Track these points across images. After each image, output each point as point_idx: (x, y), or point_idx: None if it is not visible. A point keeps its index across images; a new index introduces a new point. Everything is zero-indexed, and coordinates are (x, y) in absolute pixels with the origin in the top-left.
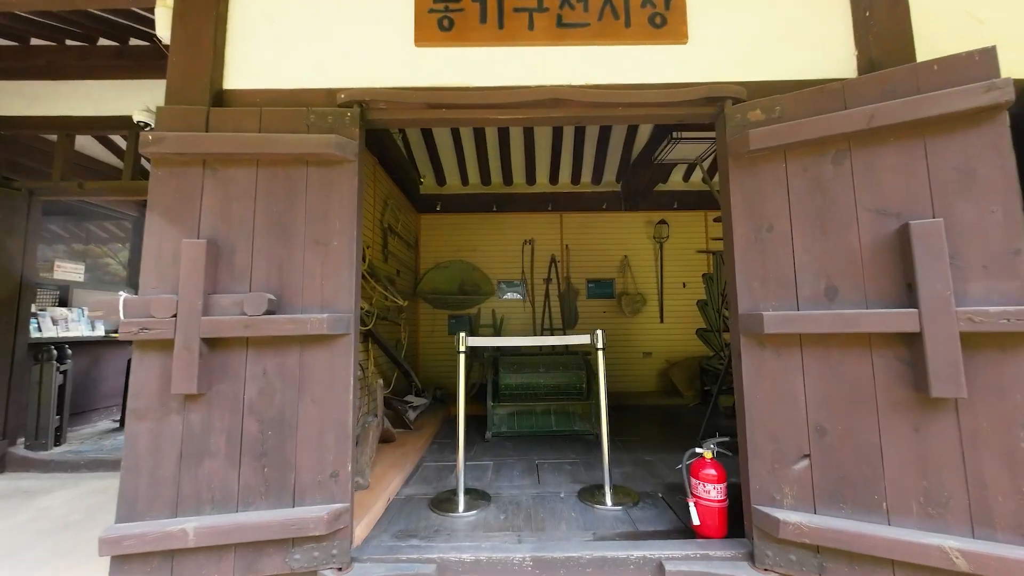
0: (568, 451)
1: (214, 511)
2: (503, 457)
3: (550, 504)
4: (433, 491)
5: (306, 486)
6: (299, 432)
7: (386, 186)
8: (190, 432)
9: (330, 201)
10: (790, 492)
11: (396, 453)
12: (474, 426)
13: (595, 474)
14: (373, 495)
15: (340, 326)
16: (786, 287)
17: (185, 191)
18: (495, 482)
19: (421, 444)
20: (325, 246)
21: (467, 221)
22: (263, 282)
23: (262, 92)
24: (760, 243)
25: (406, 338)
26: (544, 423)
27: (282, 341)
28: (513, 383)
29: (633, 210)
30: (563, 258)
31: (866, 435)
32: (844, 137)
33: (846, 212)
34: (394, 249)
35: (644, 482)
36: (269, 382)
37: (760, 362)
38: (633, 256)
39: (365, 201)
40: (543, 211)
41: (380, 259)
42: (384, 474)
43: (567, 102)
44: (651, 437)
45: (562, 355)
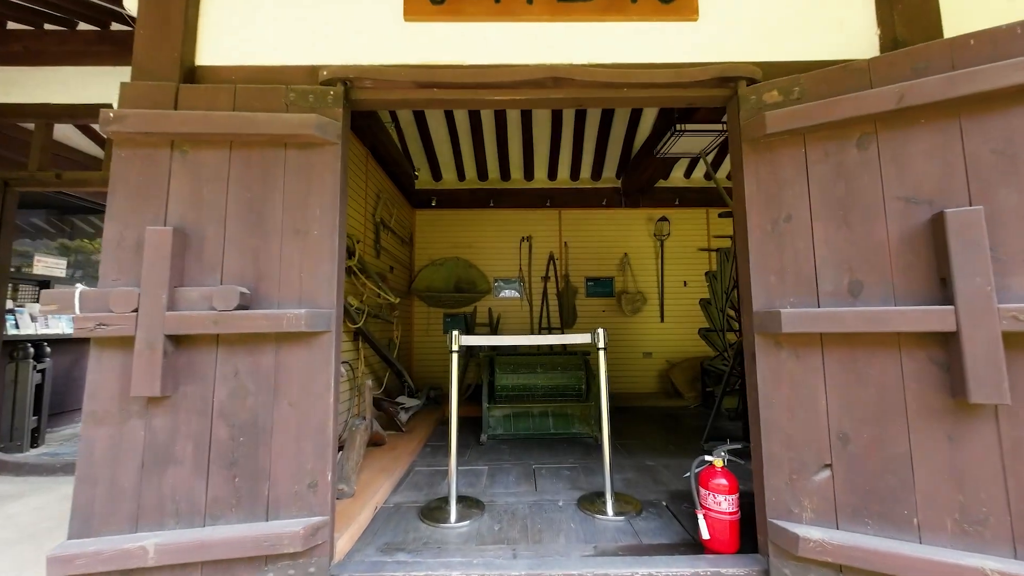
0: (567, 455)
1: (179, 526)
2: (499, 461)
3: (548, 513)
4: (424, 498)
5: (281, 498)
6: (274, 438)
7: (379, 179)
8: (153, 438)
9: (310, 187)
10: (810, 505)
11: (386, 457)
12: (469, 428)
13: (595, 480)
14: (359, 503)
15: (320, 322)
16: (805, 282)
17: (151, 174)
18: (490, 489)
19: (413, 447)
20: (304, 235)
21: (463, 217)
22: (236, 274)
23: (238, 69)
24: (777, 235)
25: (399, 337)
26: (542, 425)
27: (256, 339)
28: (509, 384)
29: (633, 207)
30: (561, 256)
31: (894, 444)
32: (870, 119)
33: (872, 200)
34: (387, 245)
35: (647, 489)
36: (241, 383)
37: (777, 364)
38: (633, 254)
39: (356, 194)
40: (541, 207)
41: (372, 255)
42: (372, 480)
43: (568, 81)
44: (652, 440)
45: (560, 355)
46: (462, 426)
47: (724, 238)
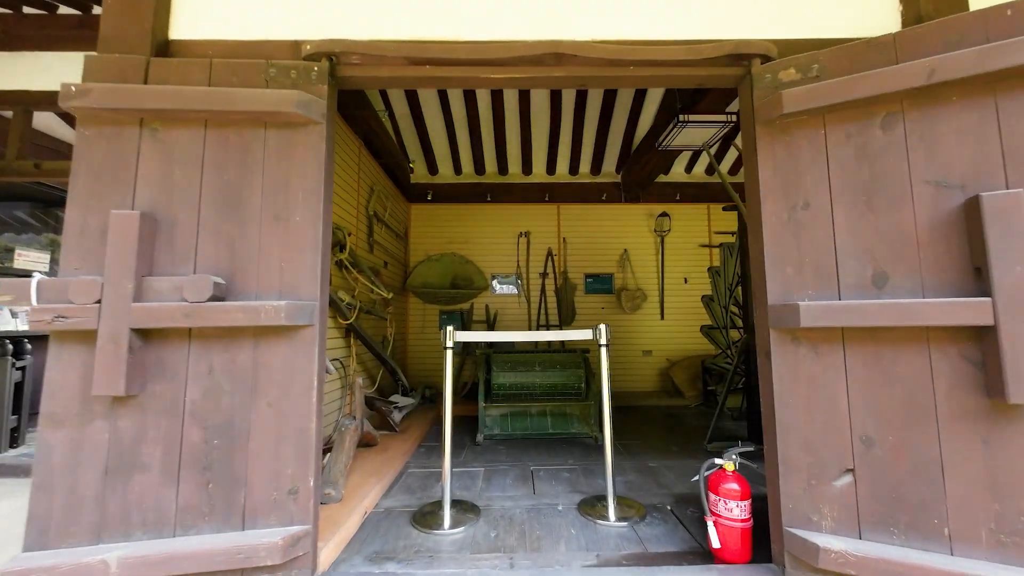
0: (566, 456)
1: (146, 536)
2: (495, 463)
3: (547, 519)
4: (416, 502)
5: (259, 505)
6: (251, 442)
7: (372, 172)
8: (118, 442)
9: (292, 169)
10: (830, 513)
11: (377, 459)
12: (465, 428)
13: (595, 482)
14: (347, 508)
15: (302, 316)
16: (825, 273)
17: (117, 154)
18: (486, 492)
19: (407, 448)
20: (285, 222)
21: (460, 212)
22: (210, 263)
23: (214, 44)
24: (794, 223)
25: (393, 334)
26: (540, 425)
27: (232, 333)
28: (506, 382)
29: (633, 202)
30: (560, 251)
31: (923, 447)
32: (896, 97)
33: (898, 185)
34: (381, 239)
35: (650, 493)
36: (216, 382)
37: (794, 361)
38: (633, 250)
39: (348, 186)
40: (539, 202)
41: (365, 249)
42: (361, 484)
43: (570, 58)
44: (654, 441)
45: (559, 353)
46: (458, 426)
47: (726, 234)
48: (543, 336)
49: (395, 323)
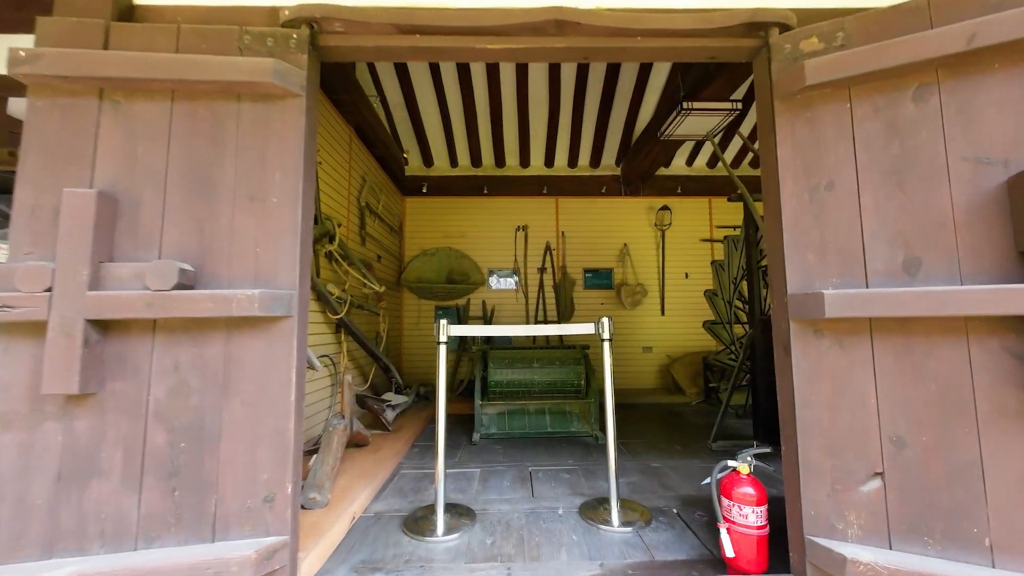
0: (565, 455)
1: (104, 550)
2: (492, 463)
3: (546, 523)
4: (409, 506)
5: (231, 514)
6: (223, 444)
7: (364, 162)
8: (73, 445)
9: (268, 146)
10: (856, 521)
11: (368, 460)
12: (461, 427)
13: (597, 484)
14: (333, 514)
15: (278, 306)
16: (851, 260)
17: (74, 128)
18: (482, 494)
19: (399, 448)
20: (261, 203)
21: (456, 205)
22: (177, 248)
23: (184, 9)
24: (817, 205)
25: (386, 329)
26: (538, 424)
27: (201, 325)
28: (504, 380)
29: (633, 195)
30: (559, 246)
31: (960, 449)
32: (931, 65)
33: (932, 162)
34: (374, 232)
35: (654, 495)
36: (183, 379)
37: (817, 355)
38: (633, 244)
39: (339, 175)
40: (537, 195)
41: (357, 241)
42: (350, 487)
43: (573, 27)
44: (656, 439)
45: (558, 349)
46: (454, 425)
47: (728, 228)
48: (542, 331)
49: (389, 319)
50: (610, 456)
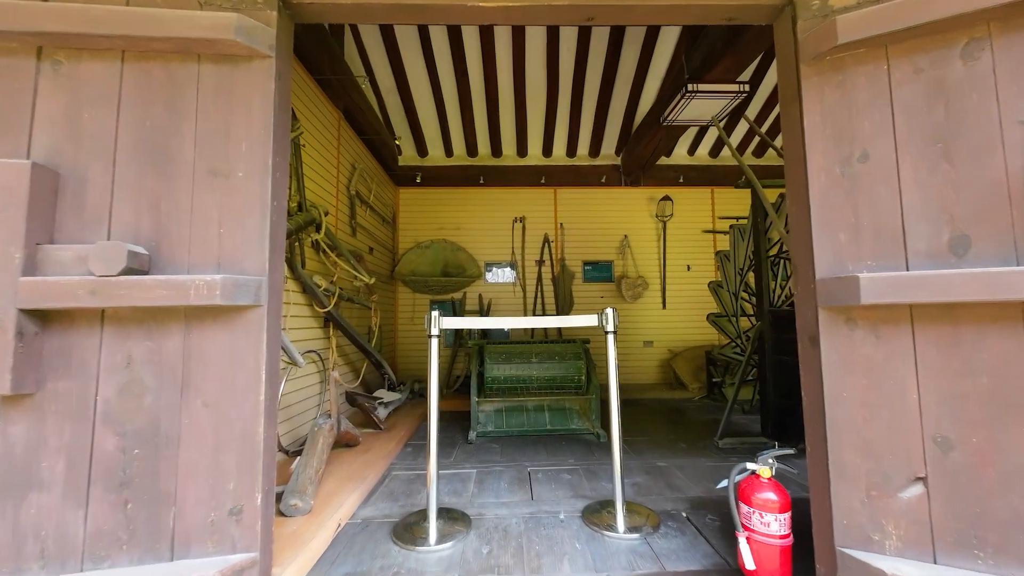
0: (566, 454)
1: (45, 571)
2: (489, 463)
3: (547, 529)
4: (399, 511)
5: (192, 529)
6: (182, 451)
7: (354, 148)
8: (7, 453)
9: (232, 113)
10: (895, 531)
11: (358, 461)
12: (457, 425)
13: (600, 485)
14: (315, 522)
15: (244, 294)
16: (889, 239)
17: (7, 91)
18: (478, 497)
19: (391, 448)
20: (225, 178)
21: (451, 196)
22: (129, 229)
23: None
24: (849, 179)
25: (378, 324)
26: (537, 421)
27: (158, 316)
28: (501, 375)
29: (634, 185)
30: (557, 238)
31: (1016, 451)
32: (982, 17)
33: (984, 128)
34: (365, 223)
35: (661, 497)
36: (136, 377)
37: (849, 347)
38: (634, 236)
39: (327, 161)
40: (535, 186)
41: (347, 232)
42: (336, 491)
43: None
44: (659, 437)
45: (558, 343)
46: (449, 423)
47: (731, 219)
48: (540, 322)
49: (381, 313)
50: (615, 456)
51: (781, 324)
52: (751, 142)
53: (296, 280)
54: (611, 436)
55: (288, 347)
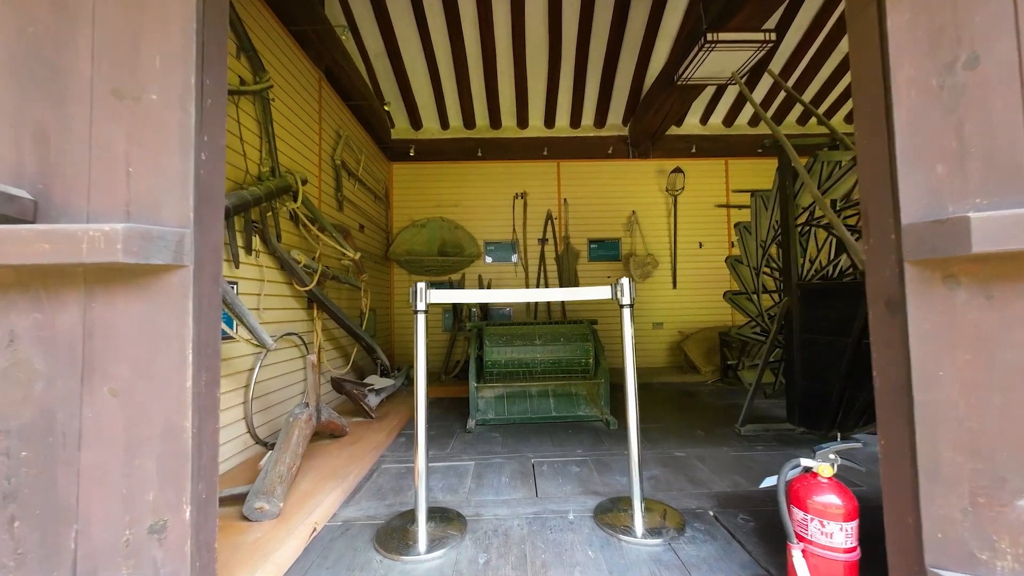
0: (573, 444)
1: None
2: (489, 455)
3: (554, 533)
4: (386, 511)
5: (100, 551)
6: (85, 452)
7: (338, 114)
8: None
9: (142, 17)
10: (1011, 549)
11: (343, 454)
12: (457, 412)
13: (612, 479)
14: (285, 528)
15: (160, 250)
16: (1007, 169)
17: None
18: (476, 494)
19: (382, 438)
20: (134, 102)
21: (447, 171)
22: (9, 167)
23: None
24: (950, 92)
25: (368, 305)
26: (541, 408)
27: (48, 280)
28: (502, 359)
29: (643, 157)
30: (561, 214)
31: None
32: None
33: None
34: (354, 197)
35: (683, 492)
36: (22, 358)
37: (948, 311)
38: (643, 211)
39: (304, 124)
40: (537, 159)
41: (333, 205)
42: (314, 489)
43: None
44: (674, 424)
45: (563, 324)
46: (447, 410)
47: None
48: (545, 295)
49: (375, 296)
50: (632, 448)
51: (811, 300)
52: (771, 106)
53: (272, 255)
54: (628, 424)
55: (251, 323)
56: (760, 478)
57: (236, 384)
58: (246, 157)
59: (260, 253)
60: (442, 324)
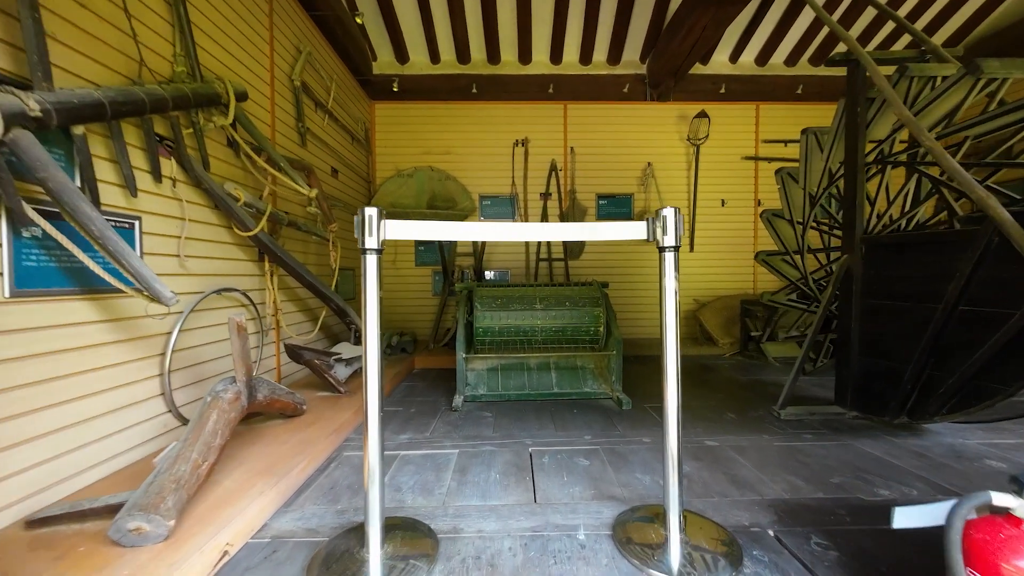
0: (580, 427)
1: None
2: (477, 440)
3: (560, 563)
4: (335, 520)
5: None
6: None
7: (299, 24)
8: None
9: None
10: None
11: (292, 440)
12: (444, 385)
13: (631, 476)
14: (177, 554)
15: None
16: None
17: None
18: (456, 496)
19: (349, 417)
20: None
21: (438, 113)
22: None
23: None
24: None
25: (338, 259)
26: (541, 383)
27: None
28: (495, 326)
29: (662, 100)
30: (566, 165)
31: None
32: None
33: None
34: (323, 134)
35: (726, 498)
36: None
37: None
38: (660, 163)
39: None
40: (541, 100)
41: (295, 140)
42: (236, 492)
43: None
44: (697, 404)
45: (568, 286)
46: (434, 382)
47: (778, 143)
48: (547, 233)
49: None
50: (671, 448)
51: (883, 257)
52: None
53: (199, 188)
54: (665, 414)
55: (137, 269)
56: (819, 476)
57: (148, 351)
58: (139, 43)
59: (179, 183)
60: (431, 287)
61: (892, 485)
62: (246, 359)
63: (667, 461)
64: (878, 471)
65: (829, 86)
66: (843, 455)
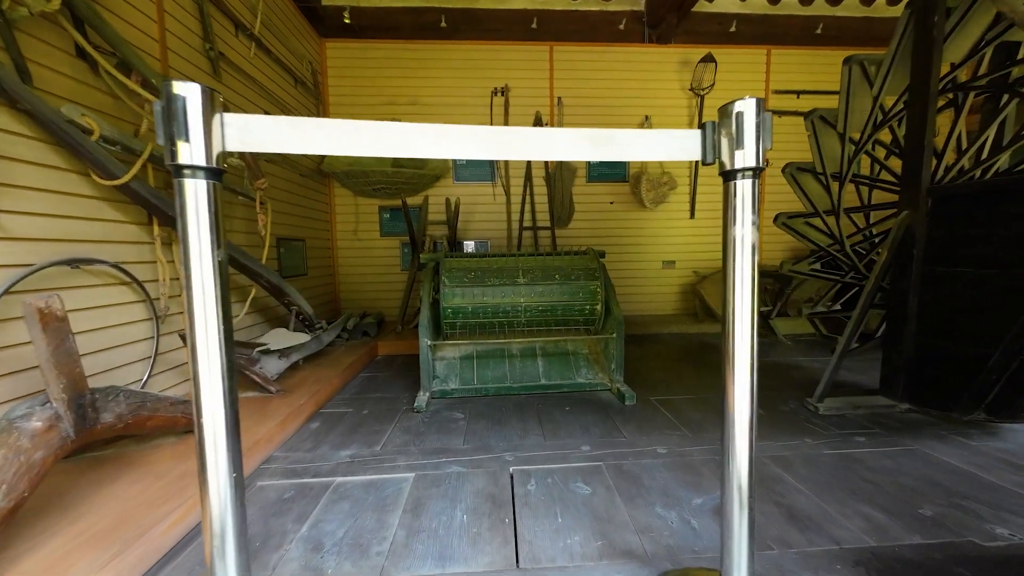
0: (574, 432)
1: None
2: (441, 455)
3: None
4: None
5: None
6: None
7: None
8: None
9: None
10: None
11: (173, 473)
12: (410, 375)
13: (650, 511)
14: None
15: None
16: None
17: None
18: (401, 558)
19: (274, 428)
20: None
21: (401, 54)
22: None
23: None
24: None
25: (268, 224)
26: (525, 374)
27: None
28: (468, 305)
29: (663, 42)
30: (552, 118)
31: None
32: None
33: None
34: (251, 68)
35: (794, 551)
36: None
37: None
38: (658, 116)
39: None
40: (523, 40)
41: (205, 67)
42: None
43: None
44: (709, 394)
45: (559, 256)
46: (399, 373)
47: (790, 93)
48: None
49: (306, 219)
50: (733, 492)
51: (954, 213)
52: None
53: (12, 109)
54: (727, 440)
55: None
56: (902, 506)
57: None
58: None
59: None
60: (400, 262)
61: (1006, 517)
62: (67, 364)
63: (730, 513)
64: (975, 493)
65: (848, 29)
66: (917, 468)
